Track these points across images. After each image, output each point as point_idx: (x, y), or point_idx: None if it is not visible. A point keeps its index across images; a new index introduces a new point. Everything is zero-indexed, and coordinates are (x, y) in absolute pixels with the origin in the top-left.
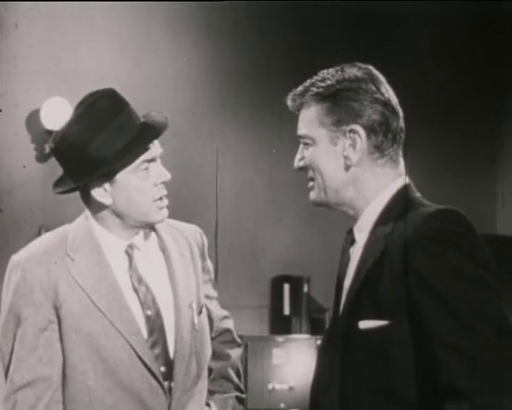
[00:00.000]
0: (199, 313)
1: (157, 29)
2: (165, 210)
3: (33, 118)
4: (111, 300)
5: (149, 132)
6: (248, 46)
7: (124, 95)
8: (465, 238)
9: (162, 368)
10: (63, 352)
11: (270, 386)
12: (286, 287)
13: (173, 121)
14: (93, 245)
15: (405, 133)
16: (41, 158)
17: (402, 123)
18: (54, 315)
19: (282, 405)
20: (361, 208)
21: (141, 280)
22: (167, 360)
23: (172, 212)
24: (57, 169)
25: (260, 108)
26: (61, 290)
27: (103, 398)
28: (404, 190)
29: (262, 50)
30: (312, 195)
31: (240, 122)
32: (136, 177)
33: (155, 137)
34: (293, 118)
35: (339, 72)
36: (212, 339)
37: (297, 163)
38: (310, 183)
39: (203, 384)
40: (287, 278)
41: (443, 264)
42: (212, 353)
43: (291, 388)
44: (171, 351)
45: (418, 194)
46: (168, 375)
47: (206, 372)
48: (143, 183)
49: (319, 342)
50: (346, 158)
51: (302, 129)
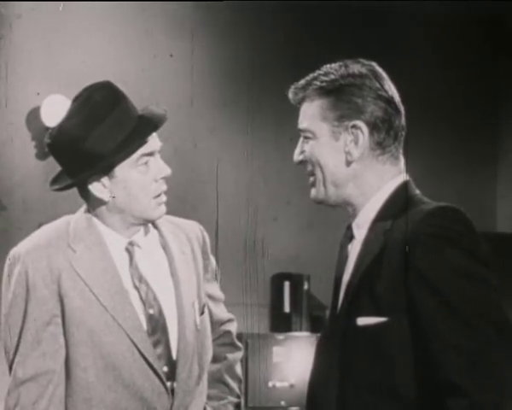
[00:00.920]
0: (201, 313)
1: (157, 28)
2: (163, 206)
3: (33, 115)
4: (114, 294)
5: (147, 125)
6: (248, 46)
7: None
8: (464, 235)
9: (165, 368)
10: (65, 347)
11: (270, 384)
12: (286, 285)
13: (173, 120)
14: (95, 238)
15: (406, 131)
16: (41, 155)
17: (404, 120)
18: (57, 309)
19: (283, 402)
20: (360, 205)
21: (141, 278)
22: (170, 360)
23: (172, 211)
24: (57, 166)
25: (260, 108)
26: (64, 283)
27: (104, 395)
28: (404, 188)
29: (262, 50)
30: (313, 191)
31: (239, 121)
32: (135, 171)
33: (154, 129)
34: (292, 117)
35: (342, 67)
36: (212, 341)
37: (296, 157)
38: (310, 178)
39: (203, 386)
40: (287, 276)
41: (442, 261)
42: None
43: (291, 385)
44: (173, 351)
45: (418, 191)
46: (171, 375)
47: (206, 375)
48: (143, 177)
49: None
50: (348, 154)
51: (303, 122)
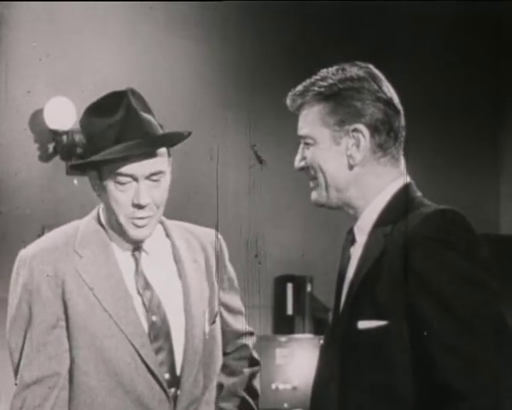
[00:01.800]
0: (212, 323)
1: (158, 29)
2: (144, 229)
3: (36, 118)
4: (117, 300)
5: (135, 148)
6: (248, 46)
7: None
8: (464, 239)
9: (167, 375)
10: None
11: (273, 386)
12: (289, 287)
13: (173, 121)
14: (102, 243)
15: (406, 132)
16: (44, 158)
17: (403, 121)
18: (62, 313)
19: (286, 405)
20: (361, 208)
21: (147, 285)
22: (172, 368)
23: (173, 213)
24: (61, 168)
25: (261, 108)
26: (68, 288)
27: (105, 400)
28: (405, 190)
29: (262, 50)
30: (314, 195)
31: (240, 122)
32: (113, 187)
33: (134, 155)
34: (294, 119)
35: (340, 71)
36: (228, 354)
37: (298, 164)
38: (311, 183)
39: (210, 396)
40: (290, 278)
41: (442, 264)
42: (226, 368)
43: (294, 388)
44: (177, 359)
45: (419, 193)
46: (173, 382)
47: (214, 384)
48: (119, 195)
49: (322, 341)
50: (350, 157)
51: (304, 129)
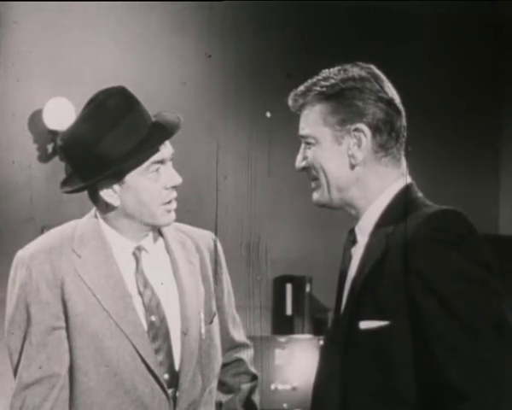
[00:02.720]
0: (209, 323)
1: (158, 29)
2: (172, 213)
3: (36, 118)
4: (117, 300)
5: (160, 133)
6: (248, 46)
7: None
8: (466, 239)
9: (166, 375)
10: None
11: (272, 386)
12: (288, 287)
13: (182, 121)
14: (101, 243)
15: (407, 132)
16: (44, 158)
17: (405, 121)
18: (61, 313)
19: (285, 405)
20: (363, 208)
21: (147, 284)
22: (172, 368)
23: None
24: (60, 169)
25: (261, 108)
26: (67, 288)
27: (105, 400)
28: (406, 190)
29: (262, 50)
30: (316, 195)
31: (240, 122)
32: (145, 179)
33: (166, 137)
34: (294, 119)
35: (342, 71)
36: (222, 367)
37: (299, 163)
38: (313, 183)
39: (210, 397)
40: (289, 278)
41: (444, 264)
42: (223, 386)
43: (294, 388)
44: (176, 359)
45: (420, 194)
46: (173, 383)
47: (213, 385)
48: (153, 185)
49: (321, 342)
50: (351, 157)
51: (305, 129)
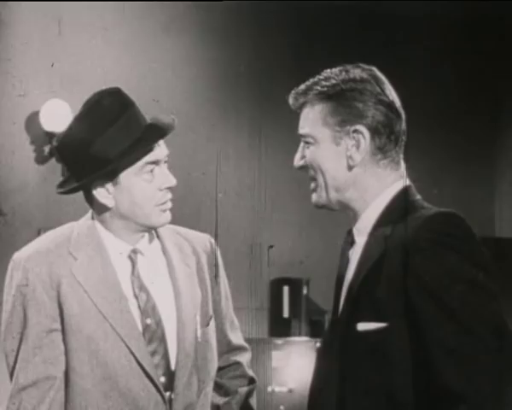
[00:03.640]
0: (205, 326)
1: (157, 30)
2: (168, 213)
3: (33, 120)
4: (112, 303)
5: (154, 133)
6: (248, 46)
7: None
8: (464, 242)
9: (162, 378)
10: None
11: (269, 389)
12: (285, 289)
13: (177, 122)
14: (97, 245)
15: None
16: (40, 160)
17: (404, 125)
18: (57, 315)
19: (282, 407)
20: (361, 210)
21: (142, 287)
22: (168, 371)
23: (173, 214)
24: (57, 171)
25: (260, 109)
26: (63, 290)
27: (100, 402)
28: (405, 193)
29: (262, 51)
30: (314, 197)
31: (240, 123)
32: (139, 179)
33: (160, 137)
34: (293, 118)
35: (343, 72)
36: (221, 373)
37: (297, 162)
38: (312, 184)
39: (206, 400)
40: (286, 281)
41: (442, 267)
42: (220, 388)
43: (290, 390)
44: (172, 362)
45: (418, 196)
46: (169, 386)
47: (209, 388)
48: (147, 186)
49: (318, 344)
50: (350, 158)
51: (305, 128)
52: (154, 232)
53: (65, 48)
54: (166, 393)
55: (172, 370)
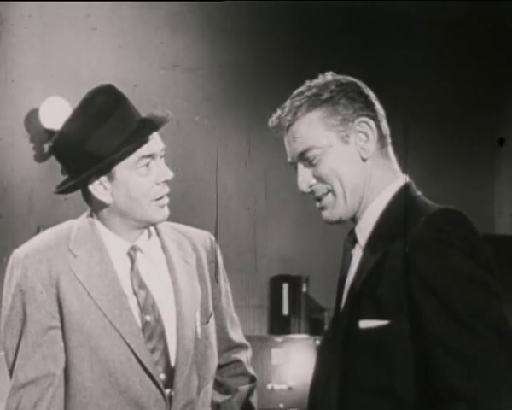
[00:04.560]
0: (205, 323)
1: (156, 29)
2: (166, 209)
3: (32, 117)
4: (111, 299)
5: (147, 126)
6: (248, 46)
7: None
8: (467, 239)
9: (162, 375)
10: (64, 350)
11: (269, 386)
12: (285, 287)
13: (173, 121)
14: (96, 243)
15: (405, 133)
16: (40, 158)
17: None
18: (56, 312)
19: (281, 405)
20: (363, 208)
21: (141, 284)
22: (168, 368)
23: (172, 212)
24: (56, 169)
25: (260, 108)
26: (62, 287)
27: (99, 400)
28: (405, 190)
29: (262, 50)
30: (327, 214)
31: (240, 122)
32: (136, 174)
33: (153, 130)
34: None
35: (325, 78)
36: (222, 371)
37: (306, 187)
38: (318, 203)
39: (206, 398)
40: (285, 278)
41: (444, 265)
42: (221, 386)
43: (290, 388)
44: (172, 359)
45: (419, 193)
46: (169, 383)
47: (209, 386)
48: (144, 180)
49: (318, 342)
50: (362, 150)
51: (303, 144)
52: (154, 229)
53: (64, 46)
54: (166, 390)
55: (172, 367)
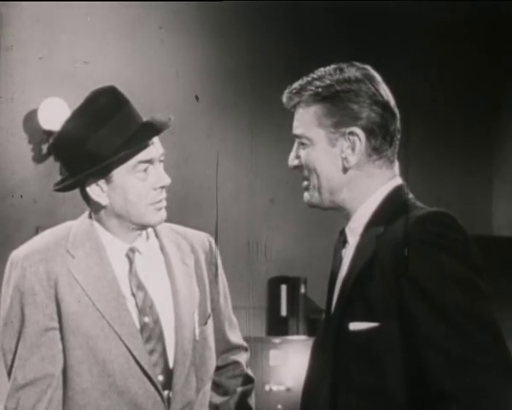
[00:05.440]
0: (203, 324)
1: (155, 29)
2: (162, 211)
3: (30, 118)
4: (110, 300)
5: (147, 131)
6: (248, 46)
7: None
8: (456, 241)
9: (160, 377)
10: (63, 351)
11: (267, 387)
12: (283, 288)
13: (173, 121)
14: (94, 244)
15: (405, 134)
16: (38, 158)
17: (399, 124)
18: (55, 313)
19: (279, 406)
20: (353, 209)
21: (139, 285)
22: (166, 369)
23: (172, 212)
24: (54, 169)
25: (260, 109)
26: (61, 288)
27: (98, 401)
28: (397, 192)
29: (262, 50)
30: (306, 196)
31: (239, 122)
32: (133, 178)
33: (153, 135)
34: (292, 118)
35: (337, 71)
36: (220, 372)
37: (291, 162)
38: (304, 182)
39: (205, 399)
40: (284, 279)
41: (433, 267)
42: (219, 388)
43: (288, 389)
44: (170, 360)
45: (411, 195)
46: (167, 384)
47: (208, 387)
48: (141, 184)
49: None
50: (345, 160)
51: (299, 128)
52: (152, 231)
53: (63, 46)
54: (165, 392)
55: (170, 368)
